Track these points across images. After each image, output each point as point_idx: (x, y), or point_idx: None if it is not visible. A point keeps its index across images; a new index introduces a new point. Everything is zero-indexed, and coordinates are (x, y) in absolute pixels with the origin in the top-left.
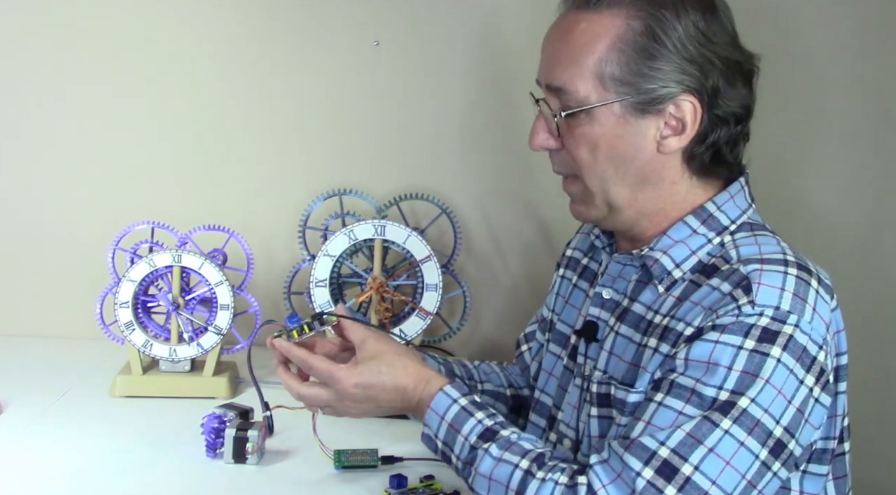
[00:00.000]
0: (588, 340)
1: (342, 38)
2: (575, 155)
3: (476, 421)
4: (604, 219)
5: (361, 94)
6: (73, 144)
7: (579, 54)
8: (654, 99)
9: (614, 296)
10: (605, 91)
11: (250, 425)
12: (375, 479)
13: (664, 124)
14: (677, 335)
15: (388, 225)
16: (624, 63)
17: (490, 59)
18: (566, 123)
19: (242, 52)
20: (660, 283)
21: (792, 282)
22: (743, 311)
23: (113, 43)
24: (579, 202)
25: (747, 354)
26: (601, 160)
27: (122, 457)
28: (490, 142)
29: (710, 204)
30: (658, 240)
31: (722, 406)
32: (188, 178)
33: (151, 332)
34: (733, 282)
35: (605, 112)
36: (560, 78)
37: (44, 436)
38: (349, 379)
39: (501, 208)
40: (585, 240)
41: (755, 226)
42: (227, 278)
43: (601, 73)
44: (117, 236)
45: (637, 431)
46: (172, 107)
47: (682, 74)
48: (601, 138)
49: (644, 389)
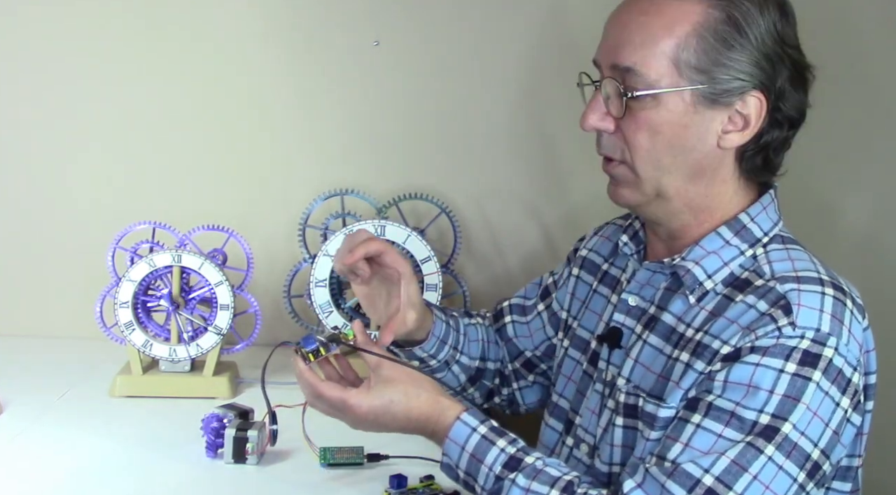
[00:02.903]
0: (612, 346)
1: (342, 38)
2: (632, 139)
3: (499, 449)
4: (646, 204)
5: (361, 94)
6: (74, 144)
7: (657, 36)
8: (727, 90)
9: (640, 303)
10: (680, 77)
11: (250, 425)
12: (375, 479)
13: (728, 119)
14: (713, 353)
15: (388, 225)
16: (703, 50)
17: (490, 59)
18: (629, 106)
19: (243, 52)
20: (691, 294)
21: (830, 303)
22: (784, 333)
23: (113, 43)
24: (624, 185)
25: (789, 378)
26: (660, 147)
27: (122, 457)
28: (490, 142)
29: (744, 215)
30: (690, 250)
31: (764, 431)
32: (188, 178)
33: (151, 332)
34: (770, 300)
35: (675, 98)
36: (631, 58)
37: (44, 436)
38: (360, 408)
39: (501, 208)
40: (606, 244)
41: (786, 239)
42: (227, 278)
43: (677, 58)
44: (117, 236)
45: (674, 453)
46: (172, 107)
47: (757, 68)
48: (665, 125)
49: (676, 406)
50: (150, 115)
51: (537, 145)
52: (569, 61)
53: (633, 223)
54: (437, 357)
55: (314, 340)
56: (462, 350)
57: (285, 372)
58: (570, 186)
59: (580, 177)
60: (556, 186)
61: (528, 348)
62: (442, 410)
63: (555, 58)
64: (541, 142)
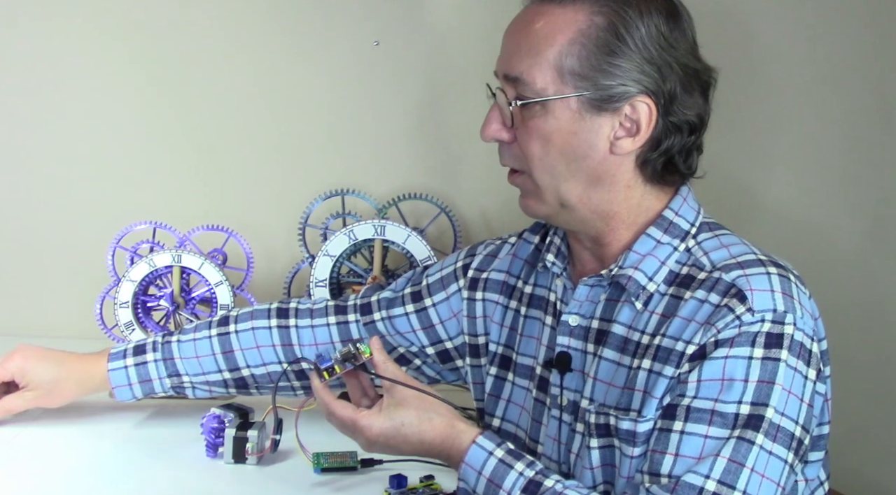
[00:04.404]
0: (562, 371)
1: (342, 38)
2: (526, 148)
3: (517, 473)
4: (555, 215)
5: (361, 94)
6: (74, 144)
7: (540, 45)
8: (611, 96)
9: (582, 322)
10: (563, 84)
11: (250, 425)
12: (375, 480)
13: (619, 124)
14: (679, 355)
15: (388, 225)
16: (584, 57)
17: (490, 59)
18: (520, 115)
19: (243, 52)
20: (637, 300)
21: (777, 281)
22: (744, 320)
23: (113, 43)
24: (529, 196)
25: (759, 363)
26: (553, 155)
27: (121, 457)
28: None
29: (668, 211)
30: (626, 257)
31: (748, 421)
32: (188, 178)
33: (151, 332)
34: (720, 291)
35: (562, 106)
36: (518, 68)
37: (44, 436)
38: (371, 429)
39: (501, 208)
40: (513, 263)
41: (712, 225)
42: (227, 278)
43: (560, 66)
44: (117, 236)
45: (667, 466)
46: (173, 107)
47: (641, 75)
48: (555, 133)
49: (653, 417)
50: (150, 114)
51: None
52: None
53: (553, 240)
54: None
55: (330, 358)
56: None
57: None
58: None
59: None
60: None
61: (401, 345)
62: (457, 434)
63: None
64: None
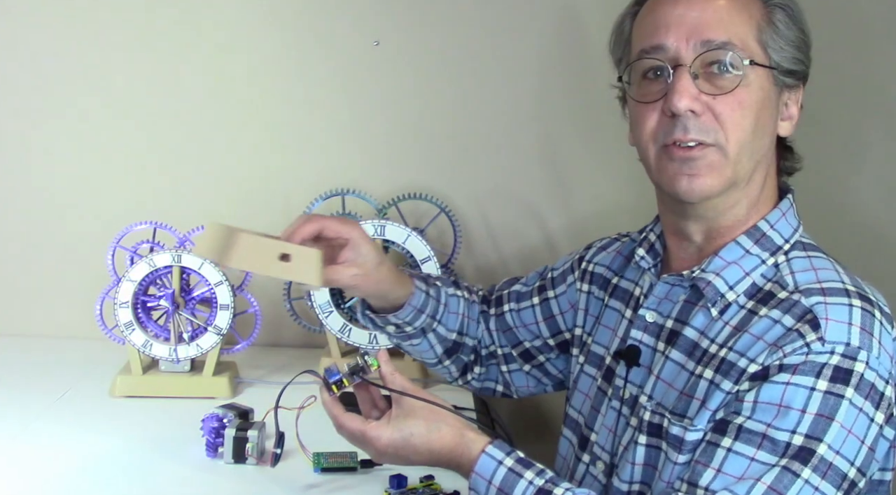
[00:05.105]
0: (629, 364)
1: (342, 38)
2: (729, 117)
3: (527, 482)
4: (718, 194)
5: (361, 94)
6: (74, 144)
7: (743, 16)
8: (792, 72)
9: (658, 319)
10: (765, 56)
11: (250, 425)
12: (375, 479)
13: (785, 107)
14: (740, 371)
15: (388, 225)
16: (777, 34)
17: (490, 59)
18: (719, 83)
19: (242, 52)
20: (713, 306)
21: (858, 315)
22: (812, 349)
23: (113, 43)
24: (707, 173)
25: (821, 396)
26: (748, 126)
27: (122, 457)
28: (490, 142)
29: (763, 222)
30: (710, 262)
31: (799, 453)
32: (188, 178)
33: (151, 332)
34: (796, 315)
35: (764, 77)
36: (726, 33)
37: (44, 436)
38: (380, 440)
39: (501, 208)
40: (616, 258)
41: (808, 245)
42: (227, 278)
43: (760, 38)
44: (117, 236)
45: (706, 479)
46: (173, 107)
47: (807, 59)
48: (756, 103)
49: (704, 428)
50: (150, 115)
51: (537, 145)
52: (569, 61)
53: (649, 236)
54: (412, 324)
55: (338, 372)
56: (440, 319)
57: (286, 373)
58: (570, 186)
59: (580, 176)
60: (556, 186)
61: (526, 339)
62: (467, 443)
63: (555, 57)
64: (541, 141)
